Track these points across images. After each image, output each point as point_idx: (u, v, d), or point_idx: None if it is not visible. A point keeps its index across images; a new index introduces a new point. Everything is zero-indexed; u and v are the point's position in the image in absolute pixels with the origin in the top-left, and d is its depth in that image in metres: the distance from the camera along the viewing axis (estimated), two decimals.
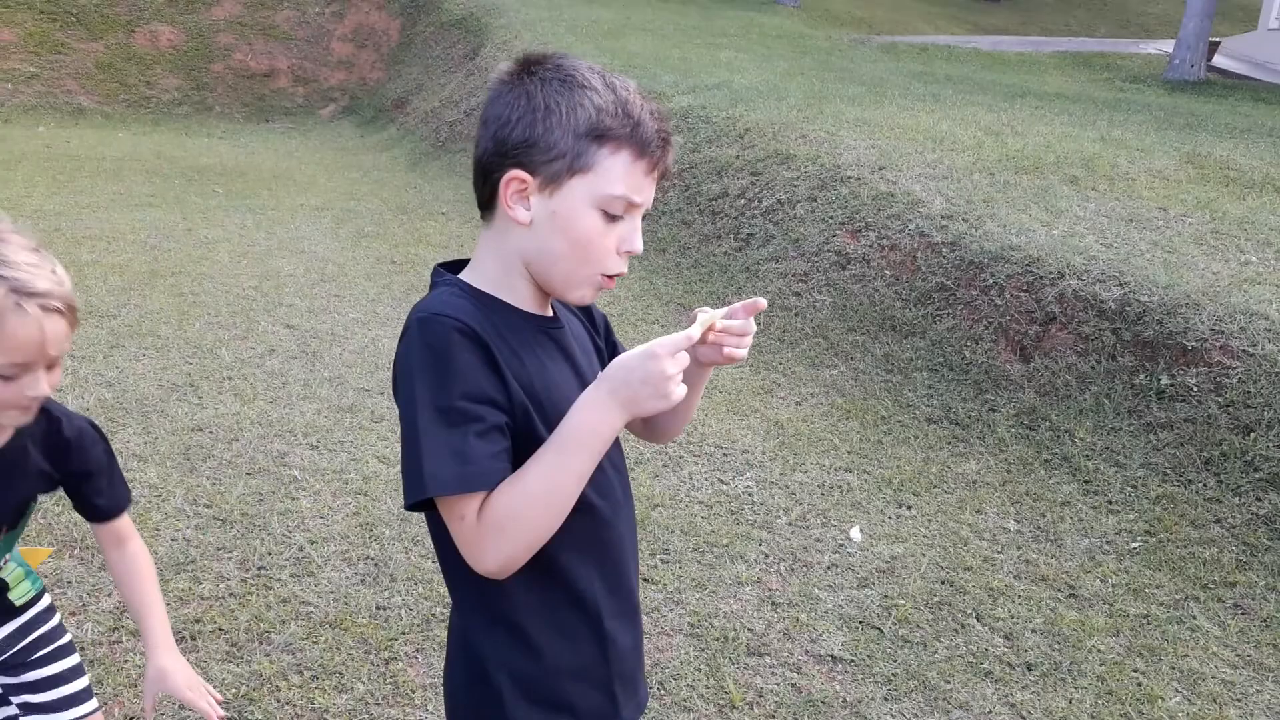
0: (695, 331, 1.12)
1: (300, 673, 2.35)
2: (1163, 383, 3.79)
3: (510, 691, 1.16)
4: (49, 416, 1.46)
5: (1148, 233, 4.90)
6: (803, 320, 5.10)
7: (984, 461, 3.81)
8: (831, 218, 5.60)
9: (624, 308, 5.51)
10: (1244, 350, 3.69)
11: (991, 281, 4.60)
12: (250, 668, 2.35)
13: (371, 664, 2.41)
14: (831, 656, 2.60)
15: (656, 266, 6.24)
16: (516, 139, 1.11)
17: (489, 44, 12.93)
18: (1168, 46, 14.74)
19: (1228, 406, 3.58)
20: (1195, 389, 3.69)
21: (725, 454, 3.83)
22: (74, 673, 1.67)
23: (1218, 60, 14.72)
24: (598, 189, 1.11)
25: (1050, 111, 8.48)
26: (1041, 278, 4.44)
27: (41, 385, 1.33)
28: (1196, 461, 3.50)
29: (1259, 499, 3.29)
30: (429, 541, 2.94)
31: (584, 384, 1.19)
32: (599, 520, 1.19)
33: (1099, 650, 2.70)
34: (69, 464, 1.49)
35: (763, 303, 1.21)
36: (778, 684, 2.47)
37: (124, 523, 1.59)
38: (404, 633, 2.55)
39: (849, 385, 4.51)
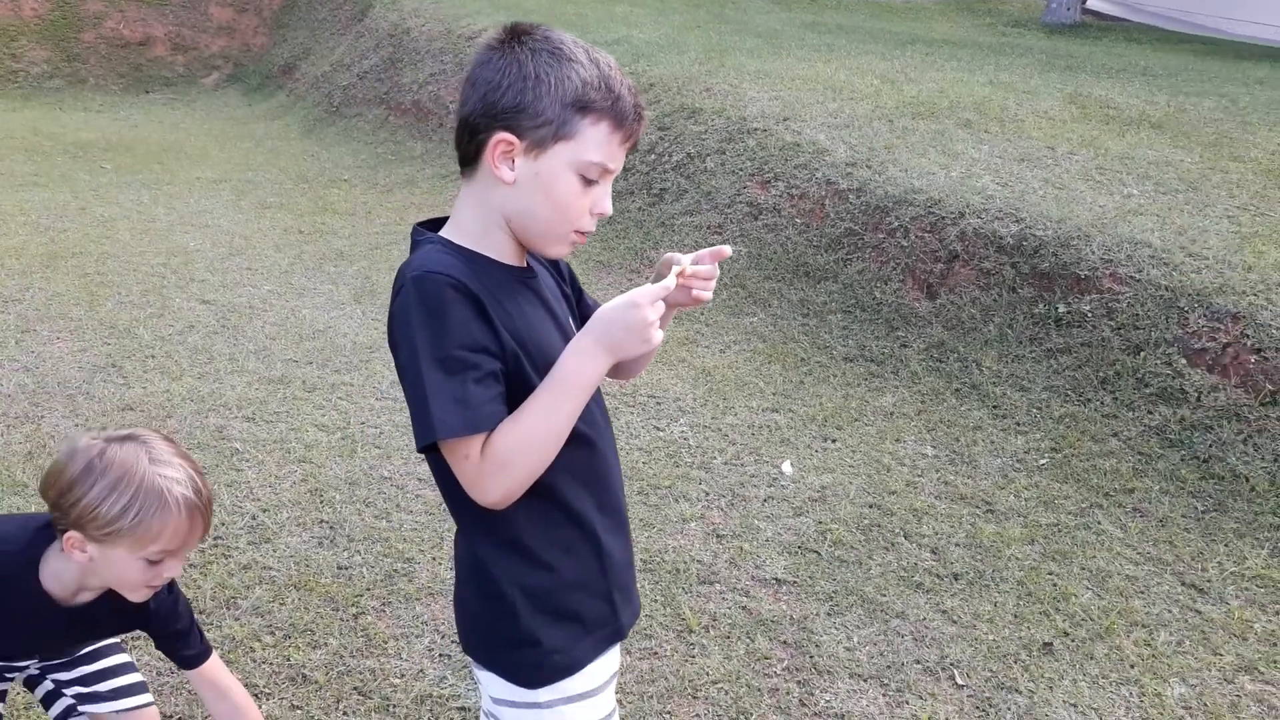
0: (671, 282, 1.23)
1: (272, 633, 2.41)
2: (1060, 311, 4.06)
3: (524, 605, 1.27)
4: None
5: (1039, 171, 5.18)
6: (721, 270, 5.24)
7: (899, 394, 4.03)
8: (741, 169, 5.74)
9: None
10: (1131, 277, 3.98)
11: (897, 224, 4.82)
12: (222, 632, 2.39)
13: (341, 620, 2.48)
14: (775, 580, 2.78)
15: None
16: (507, 104, 1.20)
17: (377, 4, 12.62)
18: None
19: (1119, 329, 3.87)
20: (1089, 315, 3.98)
21: (658, 403, 3.96)
22: (125, 668, 1.74)
23: (1091, 3, 15.33)
24: (578, 155, 1.21)
25: (940, 58, 8.76)
26: (943, 218, 4.67)
27: (176, 570, 1.50)
28: (1094, 381, 3.78)
29: (1150, 412, 3.58)
30: (381, 503, 3.04)
31: (560, 327, 1.31)
32: (588, 447, 1.31)
33: (1017, 558, 2.94)
34: (151, 625, 1.62)
35: (728, 250, 1.35)
36: (729, 608, 2.63)
37: (218, 666, 1.66)
38: (368, 589, 2.62)
39: (769, 331, 4.69)
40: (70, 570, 1.49)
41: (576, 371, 1.20)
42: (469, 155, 1.25)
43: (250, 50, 15.18)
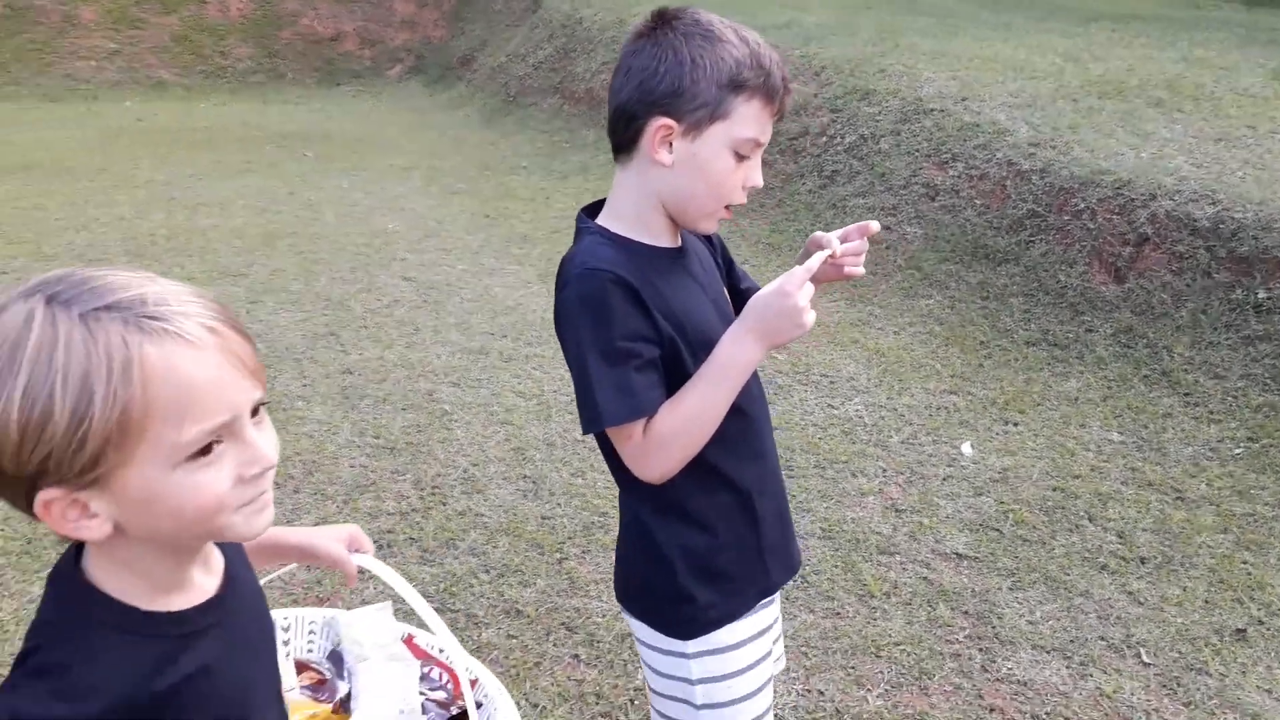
0: (815, 263, 1.29)
1: (487, 571, 2.68)
2: (1259, 296, 3.90)
3: (682, 565, 1.37)
4: None
5: (1238, 151, 4.94)
6: (894, 253, 5.26)
7: (1084, 379, 3.97)
8: (917, 150, 5.72)
9: (741, 255, 5.72)
10: None
11: (1083, 206, 4.71)
12: (444, 569, 2.67)
13: (547, 563, 2.72)
14: (956, 554, 2.84)
15: (740, 208, 6.42)
16: (664, 89, 1.25)
17: None
18: None
19: None
20: None
21: (832, 382, 4.05)
22: None
23: None
24: (734, 133, 1.26)
25: (1128, 34, 8.37)
26: (1133, 200, 4.54)
27: (263, 449, 0.87)
28: None
29: None
30: (576, 462, 3.27)
31: (712, 300, 1.40)
32: (744, 419, 1.39)
33: (1208, 545, 2.90)
34: None
35: (875, 226, 1.41)
36: (910, 577, 2.72)
37: None
38: (570, 538, 2.85)
39: (945, 314, 4.68)
40: (128, 556, 0.86)
41: (732, 358, 1.28)
42: (626, 142, 1.31)
43: (431, 43, 15.96)
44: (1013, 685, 2.32)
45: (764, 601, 1.46)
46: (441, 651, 1.43)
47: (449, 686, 1.39)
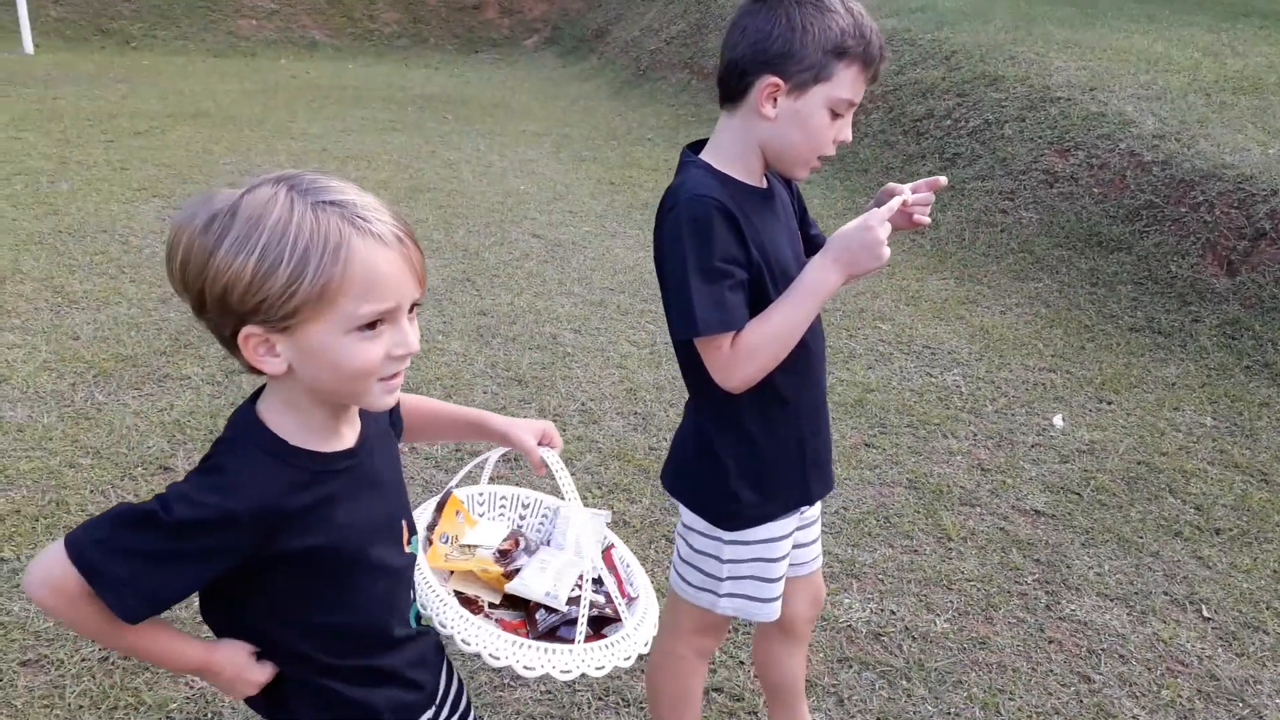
0: (895, 204, 1.49)
1: (600, 488, 3.00)
2: None
3: (734, 470, 1.57)
4: None
5: None
6: (1008, 236, 5.36)
7: (1184, 367, 4.05)
8: (1040, 137, 5.77)
9: (829, 225, 5.91)
10: None
11: (1202, 199, 4.73)
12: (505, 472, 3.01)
13: (652, 486, 3.03)
14: (1035, 511, 3.03)
15: (858, 186, 6.57)
16: (776, 51, 1.40)
17: None
18: None
19: None
20: None
21: (933, 353, 4.23)
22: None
23: None
24: (832, 93, 1.42)
25: (1277, 30, 8.10)
26: (1254, 194, 4.54)
27: (411, 337, 1.09)
28: None
29: None
30: (681, 404, 3.54)
31: (790, 239, 1.58)
32: (805, 349, 1.57)
33: None
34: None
35: (943, 180, 1.58)
36: (988, 527, 2.93)
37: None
38: None
39: (1053, 297, 4.78)
40: (292, 397, 1.11)
41: (816, 283, 1.45)
42: (735, 93, 1.46)
43: (568, 15, 16.38)
44: (1074, 624, 2.52)
45: (800, 510, 1.70)
46: (627, 567, 1.55)
47: (613, 595, 1.45)
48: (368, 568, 1.18)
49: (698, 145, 1.59)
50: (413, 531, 1.27)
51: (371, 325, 1.05)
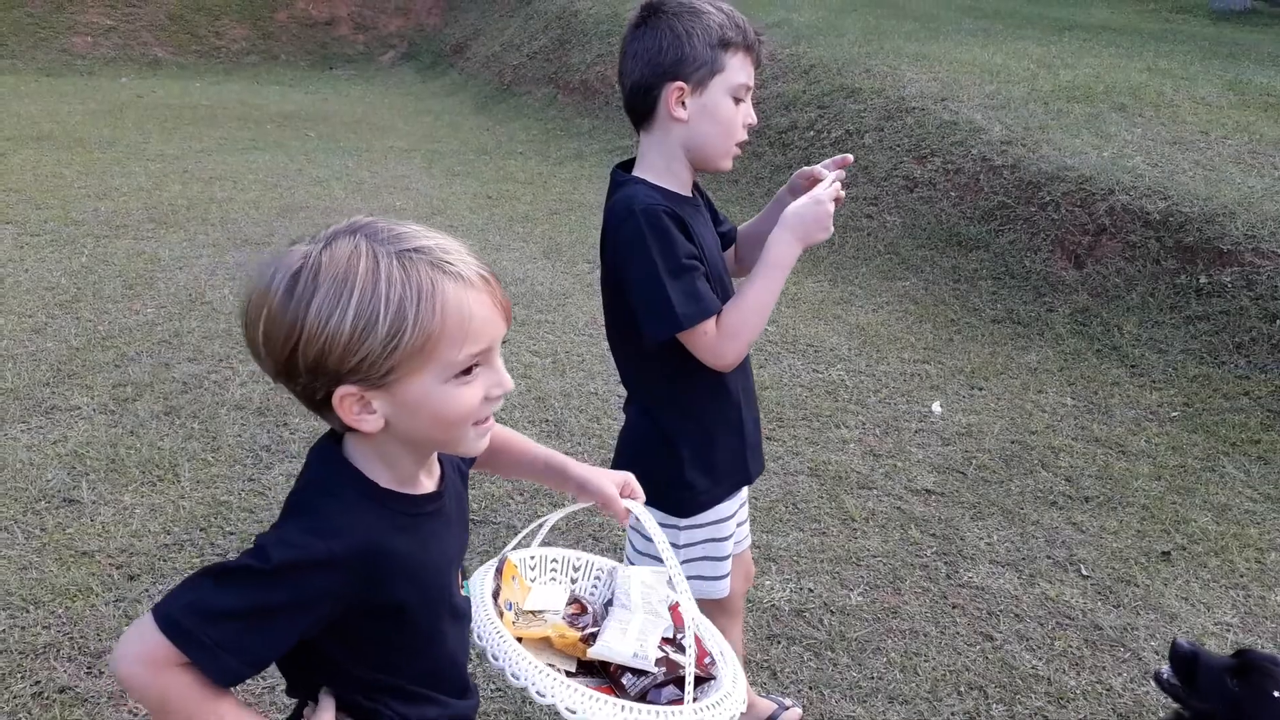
0: (836, 183, 1.63)
1: (522, 494, 3.06)
2: (1201, 281, 4.35)
3: (688, 458, 1.69)
4: None
5: (1190, 153, 5.40)
6: (874, 239, 5.68)
7: (1043, 353, 4.40)
8: (898, 146, 6.14)
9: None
10: (1273, 251, 4.24)
11: (1048, 199, 5.15)
12: (484, 490, 3.05)
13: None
14: (926, 490, 3.26)
15: (731, 196, 6.81)
16: (670, 60, 1.55)
17: None
18: None
19: (1258, 299, 4.14)
20: (1230, 286, 4.26)
21: (817, 351, 4.45)
22: None
23: None
24: (730, 81, 1.58)
25: (1098, 43, 8.84)
26: (1094, 194, 4.98)
27: (506, 376, 1.09)
28: (1229, 346, 4.08)
29: None
30: (592, 410, 3.67)
31: (714, 237, 1.72)
32: None
33: (1144, 490, 3.33)
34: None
35: (849, 158, 1.73)
36: (886, 507, 3.13)
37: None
38: None
39: (920, 294, 5.11)
40: (383, 448, 1.09)
41: (779, 256, 1.60)
42: (646, 110, 1.60)
43: (424, 30, 16.24)
44: (972, 590, 2.73)
45: (747, 486, 1.85)
46: (694, 622, 1.41)
47: (692, 652, 1.35)
48: (451, 611, 1.17)
49: (626, 165, 1.70)
50: (464, 576, 1.26)
51: (468, 370, 1.03)
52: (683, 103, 1.57)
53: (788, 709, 2.22)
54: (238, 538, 2.82)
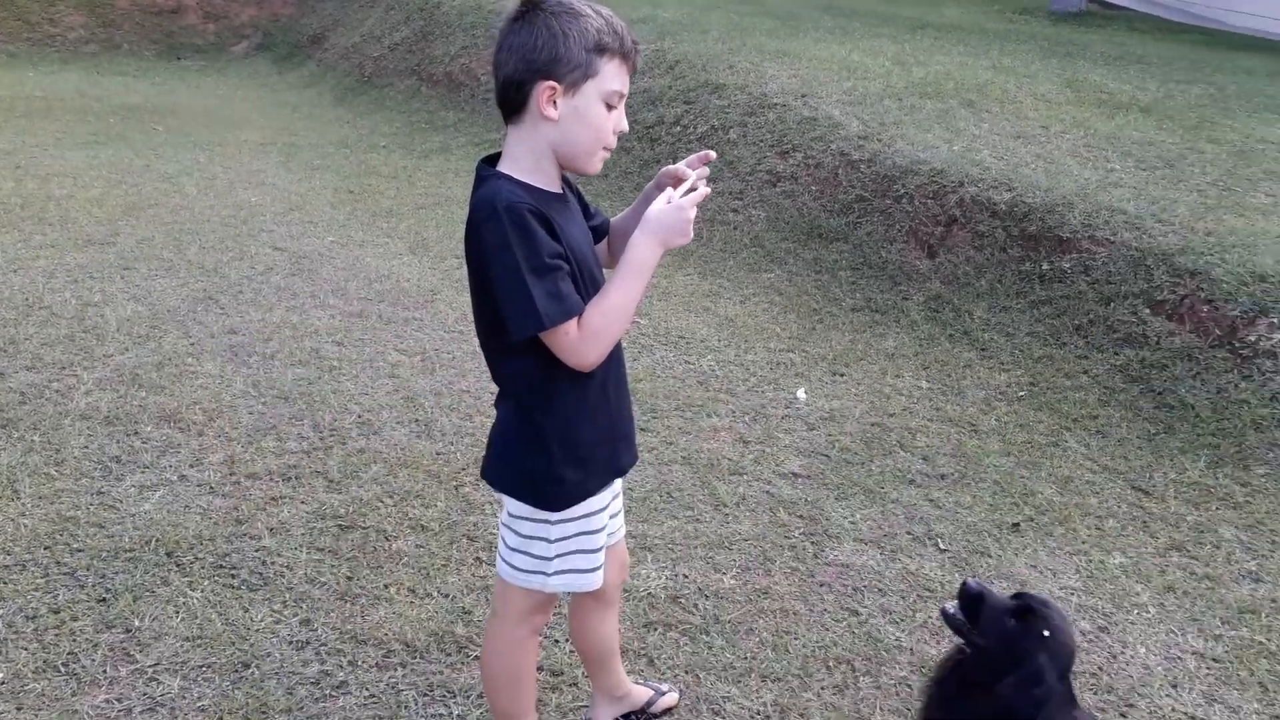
0: (702, 191, 1.68)
1: (391, 496, 3.00)
2: (1043, 268, 4.62)
3: (558, 452, 1.69)
4: None
5: (1032, 147, 5.72)
6: (740, 233, 5.80)
7: (900, 339, 4.59)
8: (762, 141, 6.28)
9: None
10: (1107, 239, 4.54)
11: (903, 192, 5.36)
12: (351, 494, 2.98)
13: (445, 490, 3.06)
14: (793, 474, 3.36)
15: (600, 190, 6.83)
16: (545, 58, 1.54)
17: None
18: None
19: (1094, 284, 4.42)
20: (1069, 272, 4.53)
21: (687, 342, 4.52)
22: None
23: None
24: (603, 87, 1.57)
25: (948, 42, 9.26)
26: (945, 187, 5.22)
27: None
28: (1069, 328, 4.35)
29: (1116, 354, 4.15)
30: (464, 408, 3.63)
31: (584, 233, 1.72)
32: None
33: (994, 466, 3.52)
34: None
35: (711, 154, 1.76)
36: (755, 492, 3.21)
37: None
38: (464, 469, 3.20)
39: (785, 285, 5.24)
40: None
41: (641, 259, 1.61)
42: (517, 105, 1.59)
43: (279, 20, 15.63)
44: (838, 567, 2.83)
45: (619, 478, 1.86)
46: None
47: None
48: None
49: (492, 159, 1.68)
50: None
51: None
52: (554, 102, 1.56)
53: (664, 694, 2.25)
54: (86, 555, 2.67)
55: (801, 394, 4.03)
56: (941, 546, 2.99)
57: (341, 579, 2.64)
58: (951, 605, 1.78)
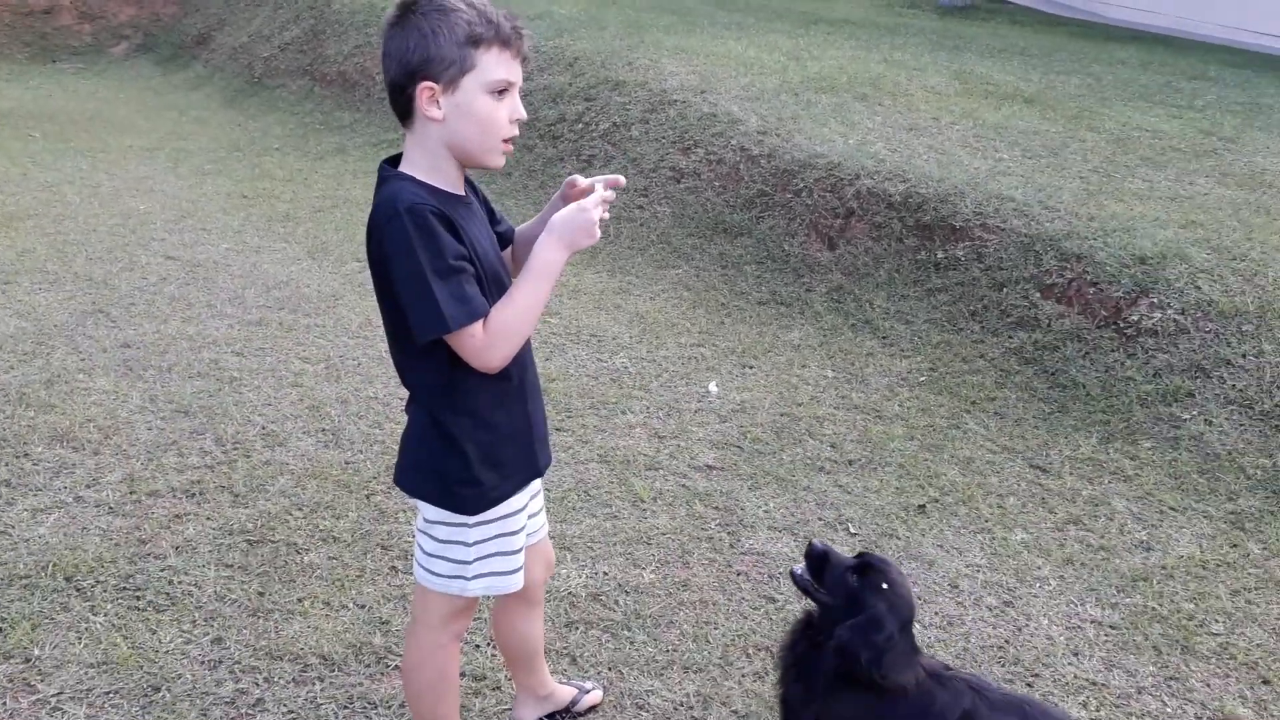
0: (606, 193, 1.68)
1: (301, 509, 2.93)
2: (938, 257, 4.77)
3: (474, 455, 1.69)
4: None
5: (924, 138, 5.90)
6: (647, 230, 5.84)
7: (805, 330, 4.69)
8: (664, 137, 6.33)
9: None
10: (997, 226, 4.71)
11: (802, 186, 5.47)
12: (258, 508, 2.90)
13: (356, 499, 3.01)
14: (707, 466, 3.40)
15: (505, 189, 6.79)
16: (418, 60, 1.54)
17: None
18: None
19: (987, 270, 4.59)
20: (962, 259, 4.70)
21: (600, 340, 4.53)
22: None
23: None
24: (484, 78, 1.55)
25: (840, 37, 9.46)
26: (842, 180, 5.34)
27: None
28: (965, 314, 4.50)
29: (1010, 337, 4.31)
30: (372, 415, 3.56)
31: (489, 237, 1.72)
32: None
33: (899, 450, 3.62)
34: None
35: (621, 180, 1.77)
36: (672, 486, 3.24)
37: None
38: (374, 477, 3.15)
39: (693, 281, 5.30)
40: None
41: (547, 261, 1.62)
42: (405, 110, 1.60)
43: (160, 21, 15.05)
44: (754, 556, 2.89)
45: (536, 478, 1.86)
46: None
47: None
48: None
49: (395, 160, 1.66)
50: None
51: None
52: (436, 102, 1.56)
53: (588, 692, 2.26)
54: None
55: (713, 387, 4.08)
56: (852, 530, 3.07)
57: (253, 594, 2.57)
58: (799, 567, 1.87)
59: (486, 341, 1.58)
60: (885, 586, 1.77)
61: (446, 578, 1.77)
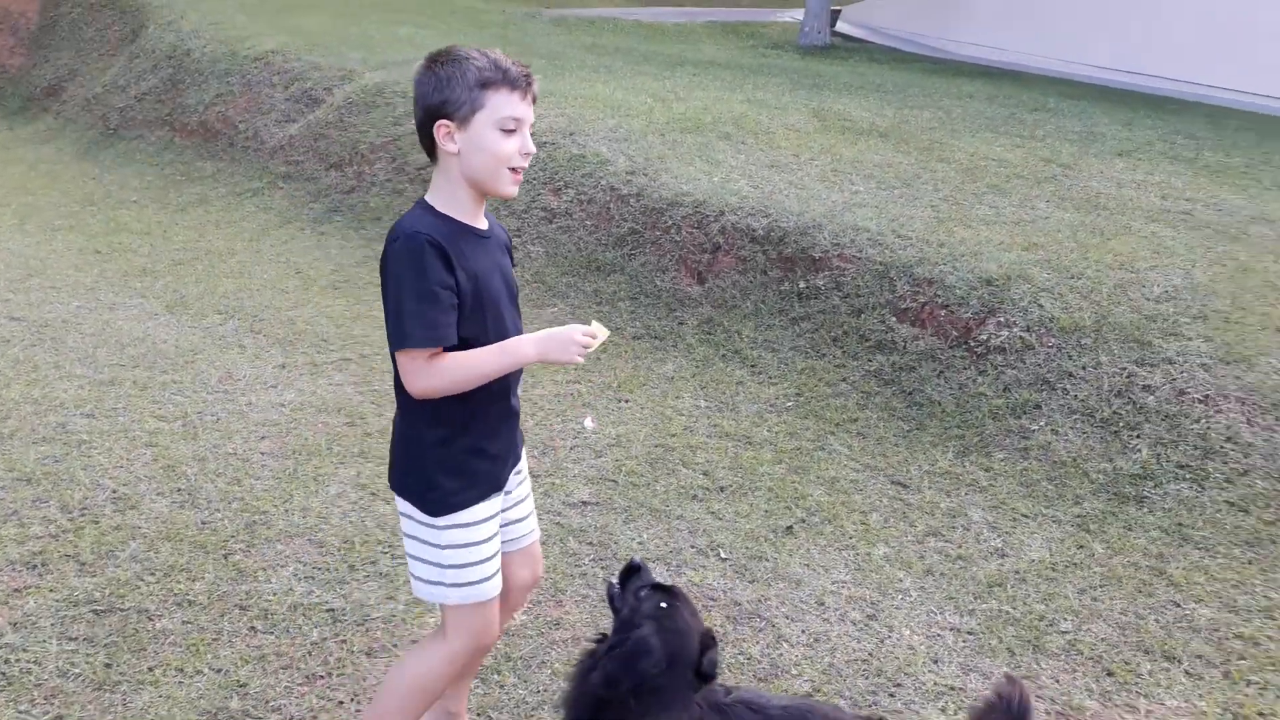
0: (602, 336, 1.87)
1: (154, 573, 2.80)
2: (800, 287, 4.93)
3: (438, 461, 1.85)
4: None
5: (785, 174, 6.10)
6: (521, 270, 5.84)
7: (678, 362, 4.76)
8: (535, 179, 6.37)
9: (349, 275, 5.98)
10: (854, 256, 4.90)
11: (670, 223, 5.58)
12: (107, 576, 2.76)
13: (213, 560, 2.89)
14: (582, 502, 3.40)
15: (375, 235, 6.71)
16: (436, 102, 1.78)
17: (151, 24, 12.37)
18: (800, 15, 16.81)
19: (845, 298, 4.76)
20: (823, 288, 4.86)
21: None
22: None
23: (841, 26, 17.03)
24: (493, 116, 1.77)
25: (706, 78, 9.73)
26: (708, 216, 5.47)
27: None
28: (827, 340, 4.65)
29: (870, 360, 4.47)
30: (231, 473, 3.46)
31: (502, 275, 1.91)
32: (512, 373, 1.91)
33: (768, 474, 3.70)
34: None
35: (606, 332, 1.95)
36: (547, 525, 3.23)
37: None
38: (232, 536, 3.03)
39: (568, 318, 5.31)
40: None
41: (515, 350, 1.82)
42: (429, 146, 1.83)
43: (7, 72, 14.39)
44: None
45: (500, 493, 1.96)
46: None
47: None
48: None
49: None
50: None
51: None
52: (452, 137, 1.78)
53: None
54: None
55: (589, 423, 4.09)
56: (723, 555, 3.12)
57: (99, 667, 2.44)
58: (614, 583, 1.97)
59: (425, 369, 1.75)
60: (664, 605, 1.83)
61: (429, 583, 1.91)
